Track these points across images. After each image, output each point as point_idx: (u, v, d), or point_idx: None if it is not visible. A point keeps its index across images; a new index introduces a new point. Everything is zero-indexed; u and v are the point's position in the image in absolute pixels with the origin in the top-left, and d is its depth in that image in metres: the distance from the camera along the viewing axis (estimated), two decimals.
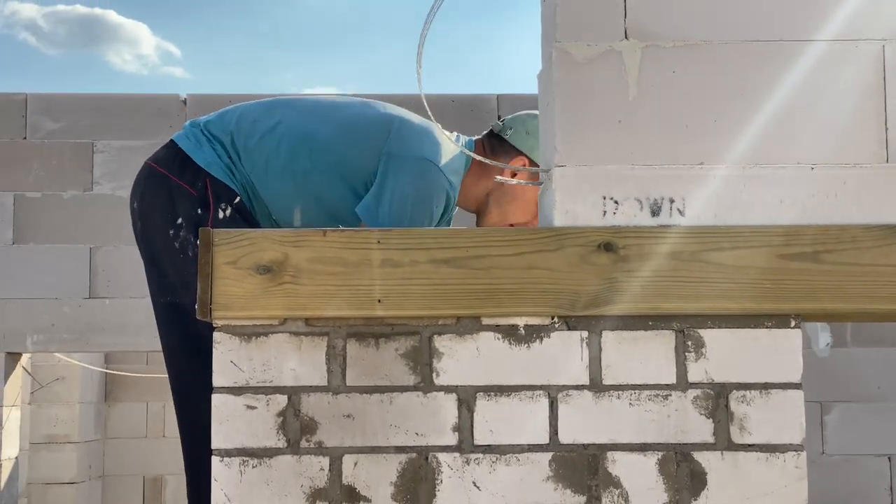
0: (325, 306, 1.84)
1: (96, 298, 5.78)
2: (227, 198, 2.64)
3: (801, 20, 1.92)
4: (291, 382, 1.85)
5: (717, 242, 1.85)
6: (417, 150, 2.61)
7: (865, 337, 5.82)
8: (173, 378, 2.68)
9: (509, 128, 2.78)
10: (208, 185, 2.63)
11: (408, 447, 1.84)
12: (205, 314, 1.85)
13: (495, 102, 6.06)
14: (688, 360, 1.85)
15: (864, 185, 1.90)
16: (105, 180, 5.86)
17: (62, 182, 5.83)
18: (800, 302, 1.85)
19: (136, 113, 5.90)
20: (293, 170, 2.65)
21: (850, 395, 5.81)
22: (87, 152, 5.89)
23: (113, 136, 5.89)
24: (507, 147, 2.77)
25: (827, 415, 5.80)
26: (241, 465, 1.83)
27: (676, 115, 1.91)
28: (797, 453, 1.83)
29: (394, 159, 2.59)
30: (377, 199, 2.57)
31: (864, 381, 5.80)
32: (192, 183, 2.64)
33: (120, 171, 5.85)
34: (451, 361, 1.85)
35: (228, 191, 2.64)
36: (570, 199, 1.89)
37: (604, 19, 1.92)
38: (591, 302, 1.83)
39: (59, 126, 5.86)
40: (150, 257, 2.72)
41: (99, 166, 5.88)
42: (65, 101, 5.97)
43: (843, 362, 5.76)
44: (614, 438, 1.84)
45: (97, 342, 5.86)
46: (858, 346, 5.83)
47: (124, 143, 5.89)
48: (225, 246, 1.85)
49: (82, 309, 5.79)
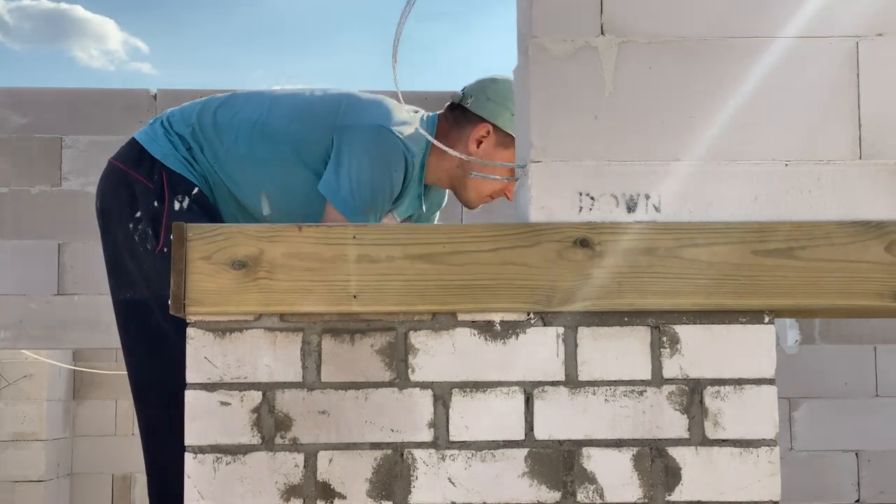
0: (300, 302, 1.83)
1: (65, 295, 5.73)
2: (184, 189, 2.63)
3: (777, 17, 1.93)
4: (266, 378, 1.84)
5: (691, 238, 1.86)
6: (368, 118, 2.61)
7: (834, 334, 5.87)
8: (132, 376, 2.66)
9: (470, 96, 2.77)
10: (164, 178, 2.63)
11: (383, 443, 1.83)
12: (178, 310, 1.83)
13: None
14: (663, 355, 1.86)
15: (837, 182, 1.91)
16: (74, 176, 5.81)
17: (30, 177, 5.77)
18: (774, 298, 1.86)
19: (105, 108, 5.85)
20: (254, 158, 2.66)
21: (818, 392, 5.85)
22: (55, 147, 5.84)
23: (82, 132, 5.83)
24: (469, 116, 2.76)
25: (795, 411, 5.84)
26: (214, 462, 1.82)
27: (652, 110, 1.91)
28: (770, 448, 1.84)
29: (346, 131, 2.60)
30: (336, 173, 2.58)
31: (831, 378, 5.85)
32: (149, 176, 2.64)
33: (89, 166, 5.79)
34: (426, 357, 1.85)
35: (185, 182, 2.63)
36: (546, 194, 1.89)
37: (580, 15, 1.92)
38: (566, 298, 1.84)
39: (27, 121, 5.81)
40: (111, 254, 2.71)
41: (68, 161, 5.82)
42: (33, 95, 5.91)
43: (812, 359, 5.80)
44: (590, 434, 1.84)
45: (66, 339, 5.80)
46: (827, 344, 5.87)
47: (94, 139, 5.84)
48: (199, 241, 1.84)
49: (51, 305, 5.73)
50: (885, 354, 5.88)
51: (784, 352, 5.47)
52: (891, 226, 1.86)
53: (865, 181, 1.91)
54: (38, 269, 5.76)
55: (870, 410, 5.85)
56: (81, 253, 5.74)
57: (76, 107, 5.88)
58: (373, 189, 2.57)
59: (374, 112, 2.64)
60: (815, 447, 5.82)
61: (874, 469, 5.84)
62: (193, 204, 2.62)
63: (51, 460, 8.64)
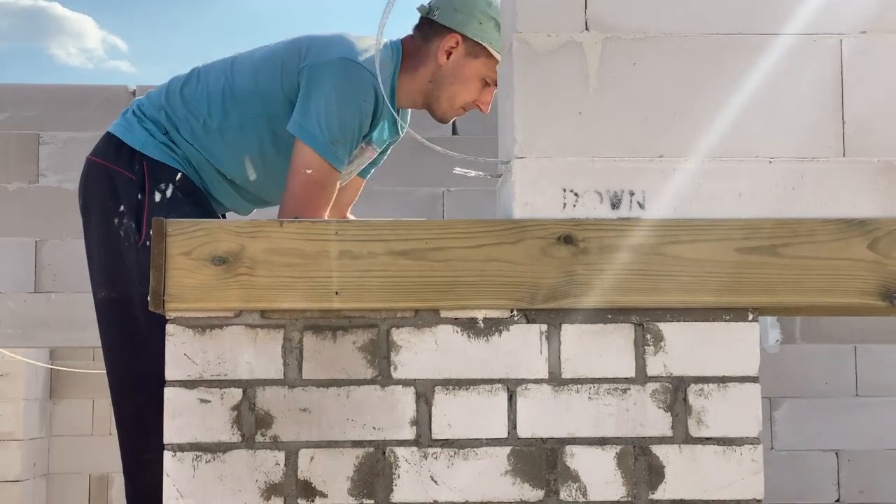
0: (281, 298, 1.81)
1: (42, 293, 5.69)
2: (167, 177, 2.59)
3: (761, 14, 1.93)
4: (246, 376, 1.82)
5: (676, 236, 1.85)
6: (331, 53, 2.59)
7: (814, 333, 5.89)
8: (111, 373, 2.63)
9: (436, 8, 2.75)
10: (145, 168, 2.60)
11: (365, 441, 1.81)
12: (157, 306, 1.81)
13: None
14: (647, 353, 1.85)
15: (821, 179, 1.91)
16: (51, 172, 5.77)
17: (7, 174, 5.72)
18: (757, 295, 1.85)
19: (83, 104, 5.81)
20: (230, 127, 2.62)
21: (799, 391, 5.87)
22: (33, 144, 5.79)
23: (60, 128, 5.79)
24: (437, 28, 2.73)
25: (776, 410, 5.86)
26: (194, 460, 1.80)
27: (637, 107, 1.90)
28: (754, 446, 1.84)
29: (311, 70, 2.57)
30: (303, 112, 2.54)
31: (812, 378, 5.87)
32: (130, 167, 2.61)
33: (67, 162, 5.76)
34: (409, 354, 1.83)
35: (167, 169, 2.60)
36: (530, 191, 1.88)
37: (564, 10, 1.91)
38: (550, 295, 1.82)
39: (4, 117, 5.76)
40: (92, 251, 2.68)
41: (45, 158, 5.78)
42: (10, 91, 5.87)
43: (793, 358, 5.83)
44: (573, 432, 1.83)
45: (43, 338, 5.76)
46: (807, 343, 5.89)
47: (71, 135, 5.80)
48: (179, 236, 1.81)
49: (27, 304, 5.69)
50: (865, 354, 5.91)
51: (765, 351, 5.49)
52: (874, 223, 1.86)
53: (849, 179, 1.91)
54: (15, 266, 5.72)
55: (850, 410, 5.88)
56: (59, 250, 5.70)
57: (54, 103, 5.84)
58: (341, 121, 2.52)
59: (337, 46, 2.61)
60: (796, 447, 5.84)
61: (854, 469, 5.87)
62: (178, 192, 2.59)
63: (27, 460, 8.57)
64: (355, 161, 2.75)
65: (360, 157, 2.77)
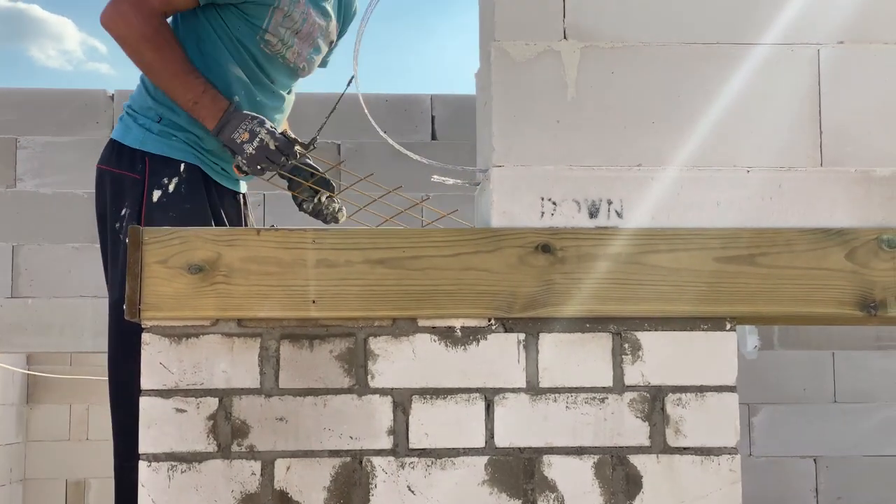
0: (258, 307, 1.80)
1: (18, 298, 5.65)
2: (170, 171, 2.58)
3: (740, 24, 1.93)
4: (223, 385, 1.80)
5: (654, 245, 1.85)
6: None
7: (792, 339, 5.90)
8: (109, 376, 2.63)
9: None
10: (147, 165, 2.59)
11: (342, 451, 1.80)
12: (133, 314, 1.80)
13: (429, 103, 6.04)
14: (624, 362, 1.84)
15: (799, 189, 1.91)
16: (29, 177, 5.72)
17: None
18: (735, 305, 1.85)
19: (61, 108, 5.77)
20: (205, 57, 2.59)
21: (777, 398, 5.89)
22: (10, 148, 5.75)
23: (38, 132, 5.75)
24: None
25: (754, 416, 5.87)
26: (169, 470, 1.79)
27: (615, 116, 1.90)
28: (731, 456, 1.84)
29: None
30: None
31: (790, 384, 5.89)
32: (133, 167, 2.60)
33: (44, 167, 5.72)
34: (386, 363, 1.82)
35: (169, 163, 2.58)
36: (508, 199, 1.88)
37: (543, 19, 1.91)
38: (528, 304, 1.82)
39: None
40: (104, 257, 2.68)
41: (22, 162, 5.74)
42: None
43: (771, 364, 5.84)
44: (550, 442, 1.82)
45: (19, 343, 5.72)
46: (785, 349, 5.91)
47: (49, 140, 5.76)
48: (155, 244, 1.80)
49: (4, 308, 5.64)
50: (843, 360, 5.93)
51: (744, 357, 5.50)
52: (852, 233, 1.86)
53: (827, 188, 1.91)
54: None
55: (828, 416, 5.89)
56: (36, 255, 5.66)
57: (32, 107, 5.80)
58: None
59: None
60: (774, 453, 5.85)
61: (832, 475, 5.88)
62: (181, 185, 2.57)
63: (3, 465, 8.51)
64: (301, 29, 2.65)
65: (312, 28, 2.67)
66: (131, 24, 2.48)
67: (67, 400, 9.15)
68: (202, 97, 2.48)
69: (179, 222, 2.40)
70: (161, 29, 2.50)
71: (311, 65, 2.76)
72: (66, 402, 9.19)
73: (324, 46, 2.79)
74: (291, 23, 2.62)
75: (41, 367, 8.84)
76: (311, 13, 2.68)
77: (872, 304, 1.85)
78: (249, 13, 2.58)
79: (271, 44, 2.61)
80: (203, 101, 2.49)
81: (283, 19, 2.60)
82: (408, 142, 6.01)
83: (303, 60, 2.71)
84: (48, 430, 9.20)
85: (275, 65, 2.66)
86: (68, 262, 5.62)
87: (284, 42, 2.63)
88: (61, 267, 5.62)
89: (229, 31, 2.60)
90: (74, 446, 9.18)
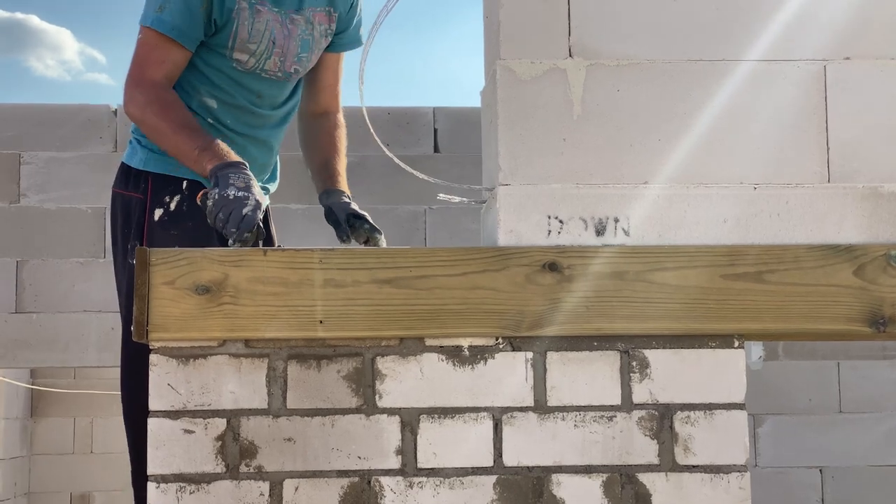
0: (265, 327, 1.80)
1: (23, 313, 5.64)
2: (172, 189, 2.59)
3: (745, 40, 1.93)
4: (231, 406, 1.80)
5: (660, 262, 1.85)
6: None
7: (798, 350, 5.90)
8: (122, 393, 2.64)
9: None
10: (150, 185, 2.60)
11: (350, 471, 1.80)
12: (141, 336, 1.79)
13: (431, 115, 6.04)
14: (632, 380, 1.84)
15: (806, 205, 1.91)
16: (33, 192, 5.73)
17: None
18: (743, 322, 1.84)
19: (64, 123, 5.78)
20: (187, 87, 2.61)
21: (783, 408, 5.88)
22: (13, 163, 5.75)
23: (41, 148, 5.75)
24: None
25: (760, 427, 5.86)
26: (177, 491, 1.78)
27: (621, 133, 1.90)
28: (741, 474, 1.83)
29: None
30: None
31: (795, 394, 5.87)
32: (137, 188, 2.64)
33: (48, 182, 5.72)
34: (394, 383, 1.82)
35: (171, 181, 2.59)
36: (515, 218, 1.88)
37: (548, 37, 1.91)
38: (535, 322, 1.82)
39: None
40: (117, 278, 2.69)
41: (26, 178, 5.74)
42: None
43: (776, 375, 5.83)
44: (559, 460, 1.82)
45: (24, 358, 5.71)
46: (790, 360, 5.90)
47: (53, 155, 5.76)
48: (162, 265, 1.80)
49: (8, 324, 5.64)
50: (849, 370, 5.92)
51: (749, 368, 5.49)
52: (860, 249, 1.86)
53: (834, 205, 1.91)
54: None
55: (833, 426, 5.88)
56: (40, 270, 5.66)
57: (35, 122, 5.80)
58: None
59: None
60: (780, 463, 5.84)
61: (838, 485, 5.87)
62: (183, 203, 2.57)
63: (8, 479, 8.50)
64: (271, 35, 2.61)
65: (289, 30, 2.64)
66: (137, 102, 2.52)
67: (72, 413, 9.15)
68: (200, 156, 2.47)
69: (181, 240, 2.40)
70: (161, 94, 2.52)
71: (306, 62, 2.71)
72: (70, 416, 9.18)
73: (319, 38, 2.73)
74: (258, 35, 2.61)
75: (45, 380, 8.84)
76: (277, 18, 2.63)
77: (881, 321, 1.84)
78: (212, 42, 2.59)
79: (242, 62, 2.61)
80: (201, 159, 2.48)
81: (250, 35, 2.59)
82: (410, 154, 6.02)
83: (291, 65, 2.68)
84: (52, 444, 9.20)
85: (258, 80, 2.65)
86: (73, 277, 5.62)
87: (257, 55, 2.62)
88: (66, 282, 5.62)
89: (204, 62, 2.61)
90: (79, 460, 9.18)
